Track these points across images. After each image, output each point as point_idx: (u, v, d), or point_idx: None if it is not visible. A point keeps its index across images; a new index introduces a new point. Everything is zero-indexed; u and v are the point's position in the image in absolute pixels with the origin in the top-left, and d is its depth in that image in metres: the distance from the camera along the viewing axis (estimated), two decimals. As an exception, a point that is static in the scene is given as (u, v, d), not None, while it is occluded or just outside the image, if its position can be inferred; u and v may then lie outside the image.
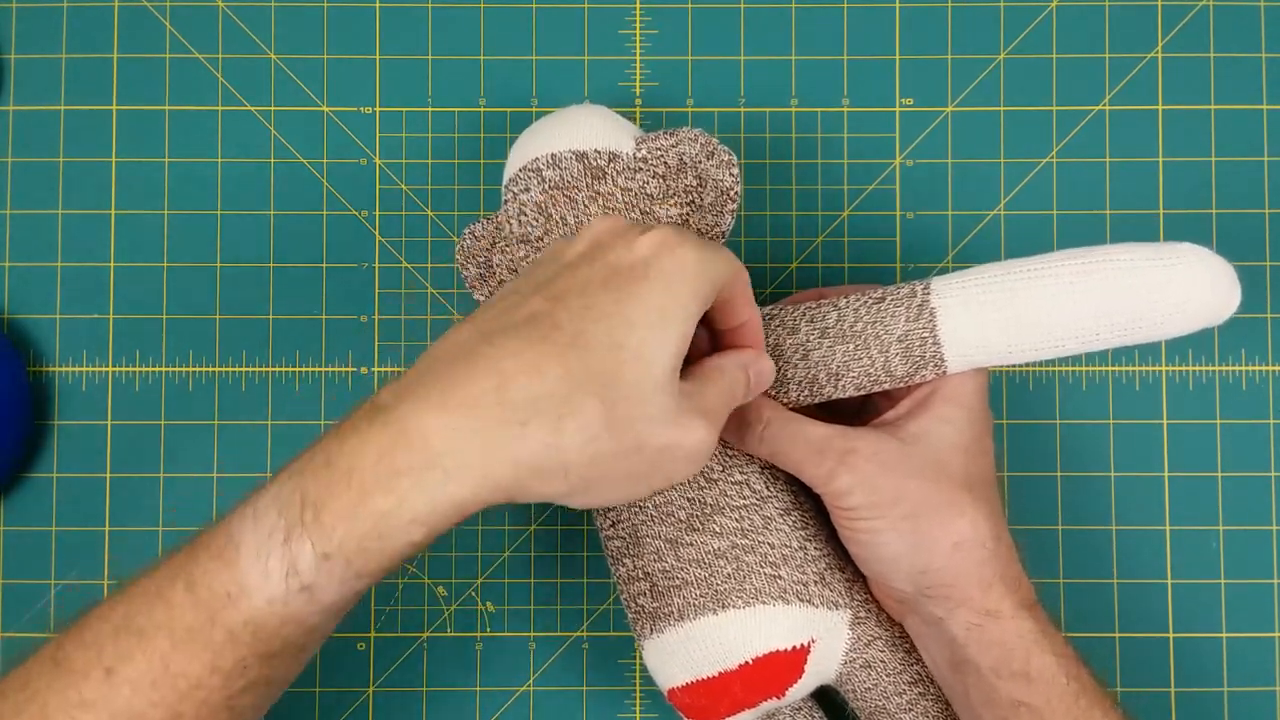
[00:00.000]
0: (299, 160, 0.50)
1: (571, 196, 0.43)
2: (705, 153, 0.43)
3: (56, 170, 0.50)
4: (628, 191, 0.43)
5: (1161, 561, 0.49)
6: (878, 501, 0.39)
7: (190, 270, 0.50)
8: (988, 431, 0.42)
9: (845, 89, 0.51)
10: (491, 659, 0.49)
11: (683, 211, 0.44)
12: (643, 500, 0.42)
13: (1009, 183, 0.50)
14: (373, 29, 0.51)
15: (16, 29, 0.50)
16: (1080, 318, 0.39)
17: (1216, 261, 0.39)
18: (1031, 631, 0.39)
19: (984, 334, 0.40)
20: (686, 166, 0.43)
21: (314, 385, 0.50)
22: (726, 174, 0.43)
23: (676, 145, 0.43)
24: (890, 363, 0.41)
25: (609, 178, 0.43)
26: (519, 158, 0.44)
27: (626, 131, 0.44)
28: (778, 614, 0.41)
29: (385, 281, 0.50)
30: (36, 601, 0.49)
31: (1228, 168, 0.50)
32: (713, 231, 0.44)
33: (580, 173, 0.43)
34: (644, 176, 0.44)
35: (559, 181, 0.43)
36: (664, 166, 0.43)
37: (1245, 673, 0.49)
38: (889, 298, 0.41)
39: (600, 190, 0.43)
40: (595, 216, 0.40)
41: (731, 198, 0.44)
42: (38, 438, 0.50)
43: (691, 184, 0.44)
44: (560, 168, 0.43)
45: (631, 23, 0.51)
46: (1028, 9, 0.51)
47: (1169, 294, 0.38)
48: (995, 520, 0.40)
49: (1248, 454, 0.49)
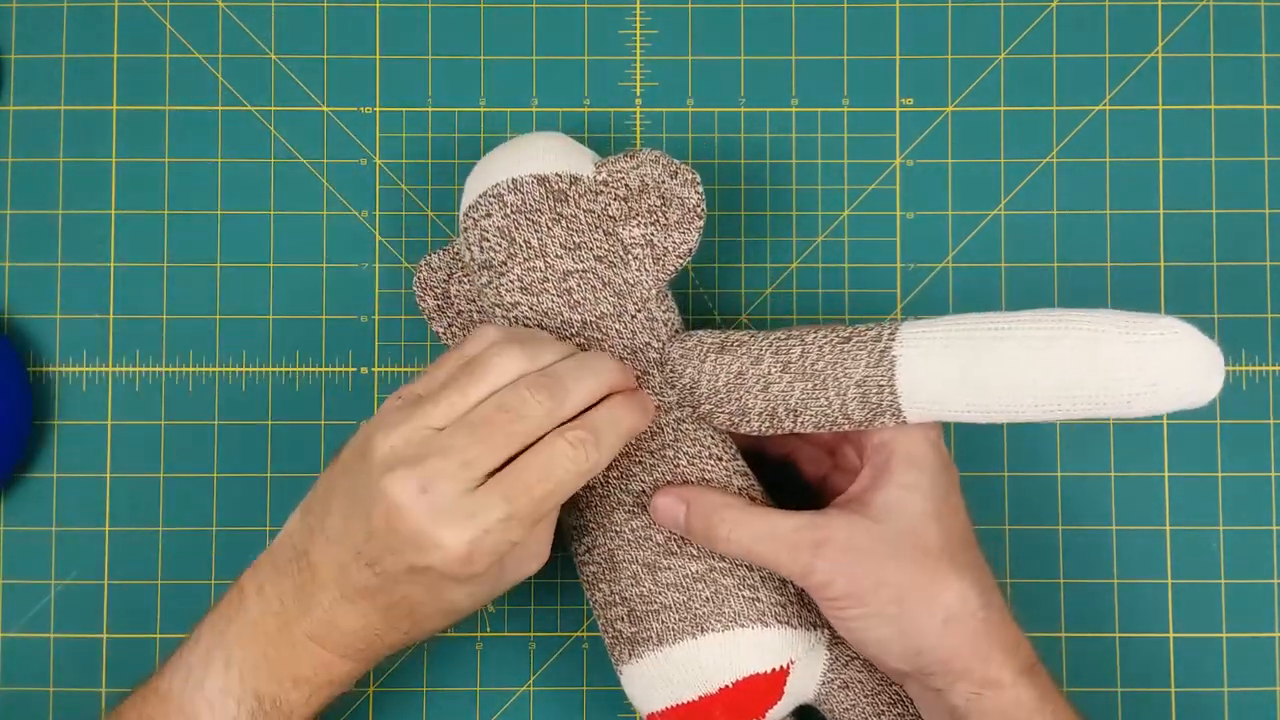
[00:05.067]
0: (299, 160, 0.50)
1: (534, 220, 0.43)
2: (668, 172, 0.44)
3: (56, 170, 0.50)
4: (590, 213, 0.44)
5: (1161, 561, 0.49)
6: (859, 590, 0.38)
7: (190, 270, 0.50)
8: (954, 487, 0.41)
9: (845, 89, 0.51)
10: (491, 659, 0.49)
11: (646, 232, 0.44)
12: (619, 525, 0.43)
13: (1009, 183, 0.50)
14: (373, 29, 0.51)
15: (16, 29, 0.50)
16: (1042, 387, 0.36)
17: (1197, 342, 0.36)
18: (1033, 699, 0.38)
19: (943, 390, 0.38)
20: (649, 188, 0.44)
21: (314, 385, 0.50)
22: (691, 191, 0.44)
23: (638, 167, 0.44)
24: (848, 406, 0.40)
25: (571, 200, 0.43)
26: (478, 184, 0.44)
27: (585, 156, 0.45)
28: (757, 636, 0.41)
29: (385, 281, 0.50)
30: (36, 601, 0.49)
31: (1228, 168, 0.50)
32: (679, 249, 0.44)
33: (543, 196, 0.43)
34: (606, 199, 0.44)
35: (521, 205, 0.43)
36: (625, 189, 0.44)
37: (1245, 673, 0.49)
38: (854, 339, 0.40)
39: (563, 213, 0.43)
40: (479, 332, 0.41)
41: (698, 214, 0.44)
42: (38, 438, 0.50)
43: (655, 204, 0.44)
44: (522, 192, 0.43)
45: (631, 23, 0.51)
46: (1028, 9, 0.51)
47: (1140, 374, 0.35)
48: (983, 584, 0.39)
49: (1248, 454, 0.49)
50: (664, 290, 0.45)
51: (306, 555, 0.39)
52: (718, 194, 0.50)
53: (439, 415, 0.38)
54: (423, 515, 0.36)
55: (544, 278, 0.43)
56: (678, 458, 0.42)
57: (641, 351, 0.43)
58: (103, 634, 0.49)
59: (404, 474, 0.37)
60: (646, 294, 0.44)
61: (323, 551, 0.39)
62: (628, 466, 0.43)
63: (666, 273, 0.44)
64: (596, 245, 0.43)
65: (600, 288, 0.43)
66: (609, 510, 0.43)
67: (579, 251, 0.43)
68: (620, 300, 0.43)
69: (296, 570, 0.39)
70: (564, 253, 0.43)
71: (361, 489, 0.38)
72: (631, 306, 0.43)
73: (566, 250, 0.43)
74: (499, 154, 0.45)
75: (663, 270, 0.44)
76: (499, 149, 0.45)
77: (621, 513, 0.43)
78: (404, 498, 0.37)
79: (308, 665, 0.39)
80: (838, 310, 0.50)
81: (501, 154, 0.45)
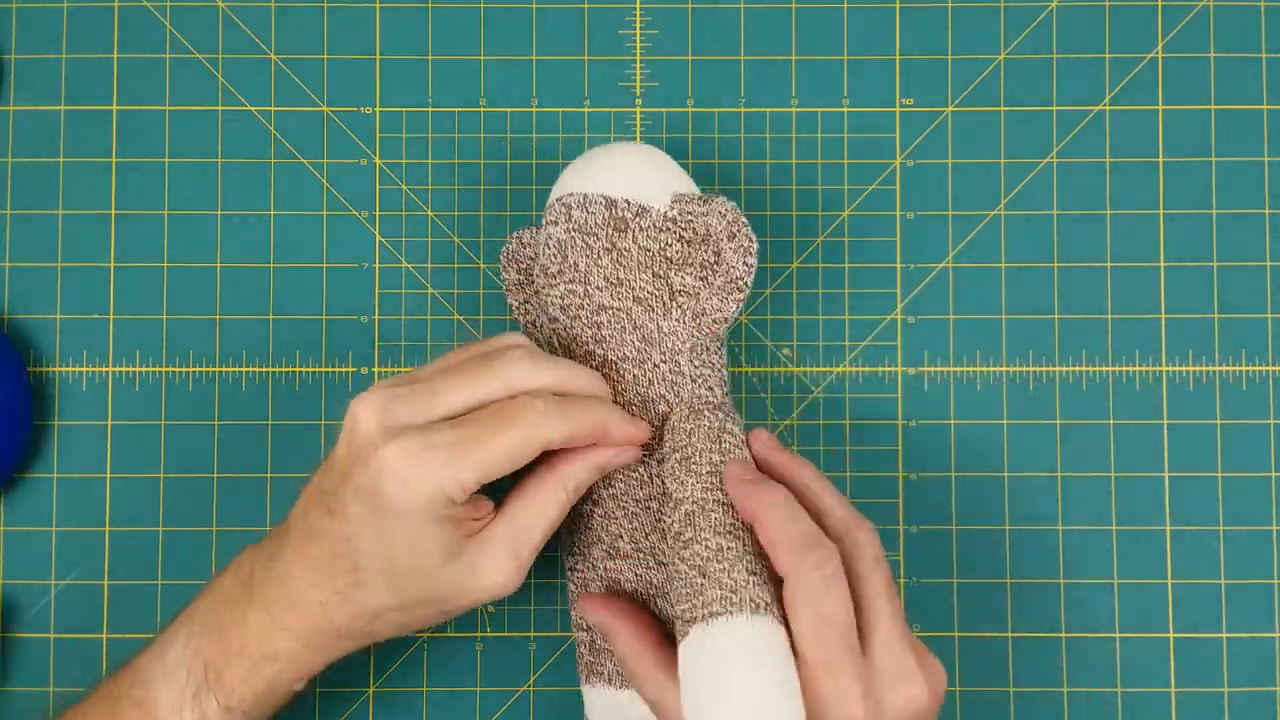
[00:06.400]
0: (299, 160, 0.50)
1: (590, 244, 0.43)
2: (729, 231, 0.42)
3: (56, 170, 0.50)
4: (646, 251, 0.43)
5: (1161, 561, 0.49)
6: None
7: (190, 270, 0.50)
8: None
9: (845, 89, 0.51)
10: (491, 659, 0.49)
11: (696, 284, 0.43)
12: (595, 561, 0.44)
13: (1009, 183, 0.50)
14: (373, 29, 0.51)
15: (16, 29, 0.50)
16: None
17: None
18: None
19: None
20: (711, 239, 0.43)
21: (314, 385, 0.50)
22: (740, 262, 0.42)
23: (706, 215, 0.43)
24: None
25: (630, 234, 0.43)
26: (561, 186, 0.44)
27: (668, 182, 0.44)
28: None
29: (385, 281, 0.50)
30: (36, 601, 0.49)
31: (1228, 168, 0.50)
32: (715, 316, 0.43)
33: (604, 221, 0.43)
34: (668, 238, 0.43)
35: (583, 225, 0.43)
36: (691, 232, 0.43)
37: (1245, 673, 0.49)
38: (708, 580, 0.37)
39: (617, 244, 0.43)
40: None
41: (739, 288, 0.42)
42: (38, 438, 0.50)
43: (709, 259, 0.43)
44: (589, 210, 0.43)
45: (631, 23, 0.51)
46: (1028, 9, 0.51)
47: None
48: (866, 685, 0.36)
49: (1248, 454, 0.49)
50: (706, 345, 0.43)
51: (288, 517, 0.40)
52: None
53: (428, 370, 0.40)
54: (374, 427, 0.38)
55: (580, 304, 0.43)
56: (660, 513, 0.43)
57: (653, 404, 0.43)
58: (103, 634, 0.49)
59: (373, 396, 0.38)
60: (679, 346, 0.43)
61: (298, 503, 0.40)
62: (612, 509, 0.43)
63: (703, 332, 0.43)
64: (640, 286, 0.43)
65: (630, 330, 0.43)
66: (589, 544, 0.44)
67: (619, 289, 0.43)
68: (646, 347, 0.43)
69: (275, 535, 0.40)
70: (605, 286, 0.43)
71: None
72: (656, 355, 0.43)
73: (608, 284, 0.43)
74: (585, 161, 0.44)
75: (699, 328, 0.43)
76: (590, 153, 0.44)
77: (599, 550, 0.44)
78: (364, 412, 0.38)
79: (252, 633, 0.39)
80: (838, 310, 0.50)
81: (586, 162, 0.44)
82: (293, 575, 0.39)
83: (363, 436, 0.38)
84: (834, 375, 0.50)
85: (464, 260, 0.50)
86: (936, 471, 0.49)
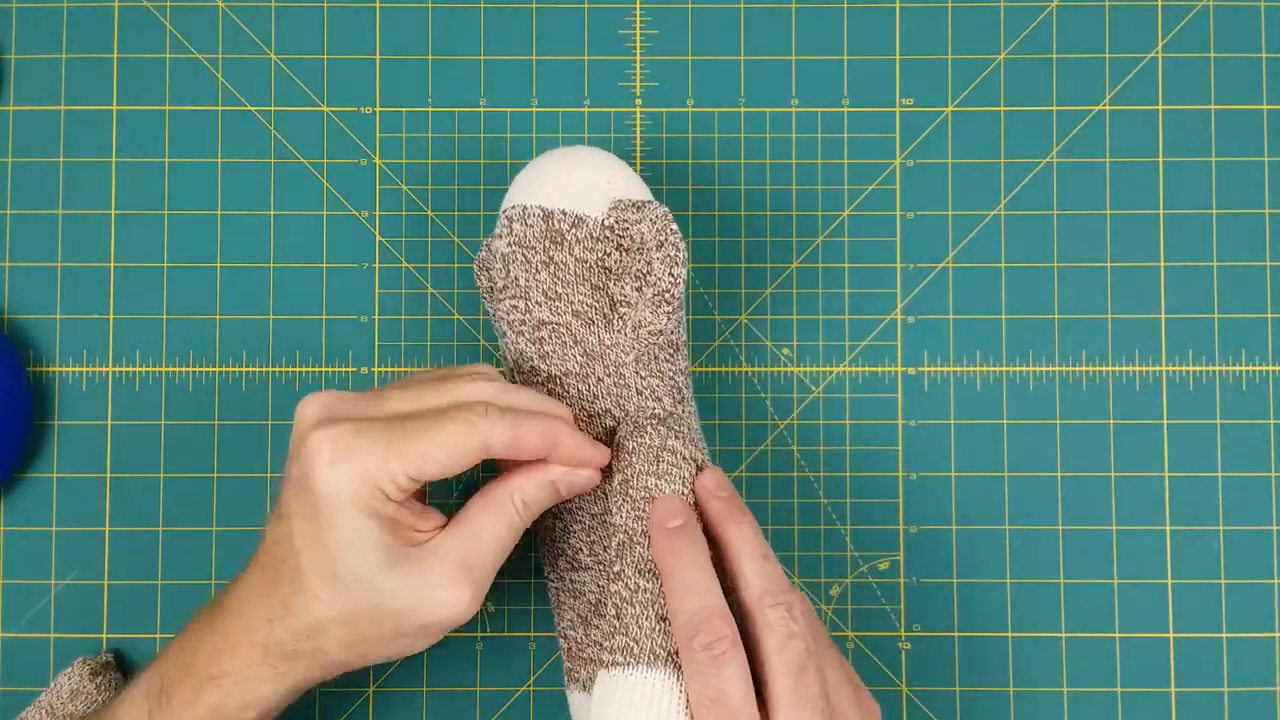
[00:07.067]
0: (299, 160, 0.50)
1: (528, 258, 0.42)
2: (657, 240, 0.41)
3: (56, 170, 0.50)
4: (582, 263, 0.42)
5: (1161, 561, 0.49)
6: None
7: (190, 270, 0.50)
8: None
9: (845, 89, 0.51)
10: (491, 659, 0.49)
11: (634, 294, 0.42)
12: (561, 572, 0.44)
13: (1009, 183, 0.50)
14: (373, 29, 0.51)
15: (16, 29, 0.50)
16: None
17: None
18: None
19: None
20: (645, 248, 0.41)
21: (314, 385, 0.50)
22: (666, 273, 0.41)
23: (640, 221, 0.41)
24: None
25: (566, 245, 0.42)
26: (508, 196, 0.44)
27: (608, 191, 0.42)
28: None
29: (385, 281, 0.50)
30: (36, 601, 0.49)
31: (1228, 168, 0.50)
32: (650, 328, 0.41)
33: (541, 234, 0.42)
34: (607, 247, 0.42)
35: (522, 238, 0.42)
36: (629, 240, 0.42)
37: (1245, 673, 0.49)
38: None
39: (554, 257, 0.42)
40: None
41: (667, 300, 0.41)
42: (38, 438, 0.50)
43: (643, 268, 0.41)
44: (526, 223, 0.42)
45: (631, 23, 0.51)
46: (1028, 9, 0.51)
47: None
48: None
49: (1248, 454, 0.49)
50: (654, 354, 0.42)
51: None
52: (718, 194, 0.50)
53: (386, 386, 0.40)
54: (312, 420, 0.38)
55: (522, 320, 0.42)
56: (614, 526, 0.42)
57: (599, 419, 0.42)
58: (103, 634, 0.49)
59: (321, 395, 0.39)
60: (623, 358, 0.42)
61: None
62: (569, 523, 0.44)
63: (643, 343, 0.42)
64: (578, 299, 0.42)
65: (571, 345, 0.42)
66: (556, 555, 0.44)
67: (557, 303, 0.42)
68: (589, 361, 0.42)
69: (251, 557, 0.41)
70: (544, 300, 0.42)
71: None
72: (600, 369, 0.42)
73: (547, 299, 0.42)
74: (531, 168, 0.44)
75: (639, 340, 0.42)
76: (534, 162, 0.44)
77: (564, 560, 0.44)
78: (308, 408, 0.38)
79: (204, 652, 0.39)
80: (838, 310, 0.50)
81: (532, 169, 0.44)
82: (246, 590, 0.39)
83: (301, 431, 0.38)
84: (834, 375, 0.50)
85: (464, 260, 0.50)
86: (936, 471, 0.49)
